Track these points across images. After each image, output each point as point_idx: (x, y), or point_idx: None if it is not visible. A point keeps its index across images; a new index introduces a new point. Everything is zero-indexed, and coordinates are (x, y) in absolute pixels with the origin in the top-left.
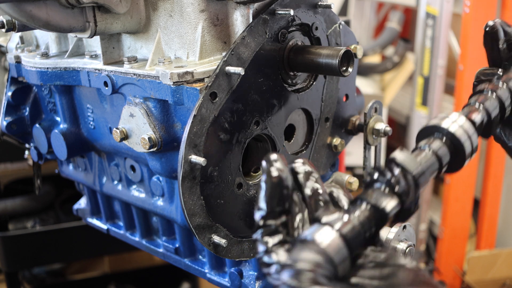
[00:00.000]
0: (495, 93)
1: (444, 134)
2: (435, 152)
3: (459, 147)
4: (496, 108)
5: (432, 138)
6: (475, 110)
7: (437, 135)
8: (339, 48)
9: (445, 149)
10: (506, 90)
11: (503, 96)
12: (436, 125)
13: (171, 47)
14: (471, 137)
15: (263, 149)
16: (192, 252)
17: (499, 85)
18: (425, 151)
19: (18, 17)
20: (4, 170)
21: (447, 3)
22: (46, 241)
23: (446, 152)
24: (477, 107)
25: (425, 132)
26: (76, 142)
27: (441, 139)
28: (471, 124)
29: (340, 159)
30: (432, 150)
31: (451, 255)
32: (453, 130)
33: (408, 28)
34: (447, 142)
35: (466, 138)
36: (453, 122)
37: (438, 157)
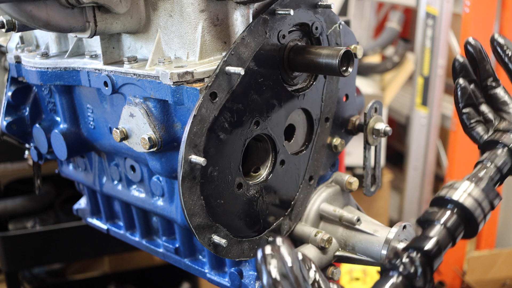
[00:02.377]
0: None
1: (454, 205)
2: (447, 227)
3: (470, 216)
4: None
5: (443, 210)
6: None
7: (449, 206)
8: (339, 48)
9: (457, 220)
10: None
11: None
12: (444, 198)
13: (171, 47)
14: (481, 204)
15: (263, 149)
16: (192, 252)
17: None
18: (437, 226)
19: (18, 17)
20: (4, 170)
21: (447, 3)
22: (46, 241)
23: (458, 223)
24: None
25: (436, 203)
26: (76, 142)
27: (452, 210)
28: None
29: (340, 159)
30: (444, 225)
31: (451, 255)
32: (462, 201)
33: (408, 28)
34: (458, 212)
35: (476, 207)
36: (463, 192)
37: (450, 231)
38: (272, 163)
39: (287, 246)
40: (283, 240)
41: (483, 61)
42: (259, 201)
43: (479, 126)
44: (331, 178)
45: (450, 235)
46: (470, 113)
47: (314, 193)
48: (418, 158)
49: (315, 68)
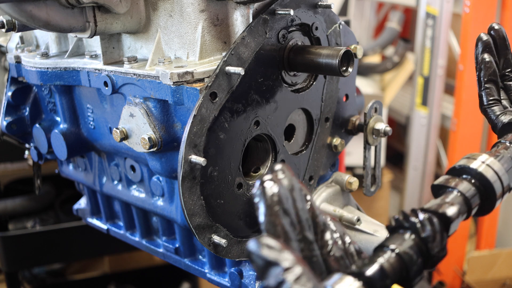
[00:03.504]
0: None
1: (472, 176)
2: (464, 195)
3: (489, 188)
4: None
5: (460, 180)
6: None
7: (466, 176)
8: (339, 48)
9: (474, 191)
10: None
11: None
12: (464, 166)
13: (171, 47)
14: (502, 177)
15: (263, 149)
16: (192, 252)
17: None
18: (453, 193)
19: (18, 17)
20: (4, 170)
21: (447, 3)
22: (46, 241)
23: (474, 193)
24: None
25: (453, 173)
26: (76, 142)
27: (469, 180)
28: (501, 164)
29: (340, 159)
30: (461, 193)
31: (451, 255)
32: (482, 170)
33: (408, 28)
34: (476, 183)
35: (496, 179)
36: (482, 163)
37: (466, 199)
38: (272, 163)
39: (289, 174)
40: (285, 167)
41: (505, 49)
42: None
43: (497, 105)
44: (331, 178)
45: (466, 204)
46: (491, 90)
47: (314, 193)
48: (418, 158)
49: (315, 68)
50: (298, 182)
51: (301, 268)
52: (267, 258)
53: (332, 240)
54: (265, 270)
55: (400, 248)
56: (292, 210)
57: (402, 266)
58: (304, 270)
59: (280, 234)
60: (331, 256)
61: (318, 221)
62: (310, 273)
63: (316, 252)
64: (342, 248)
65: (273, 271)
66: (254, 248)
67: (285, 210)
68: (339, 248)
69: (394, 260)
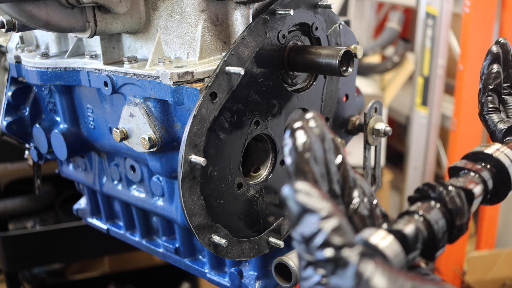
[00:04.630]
0: None
1: (488, 161)
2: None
3: (504, 174)
4: None
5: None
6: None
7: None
8: (339, 48)
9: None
10: None
11: None
12: (480, 152)
13: (171, 47)
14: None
15: (263, 149)
16: (192, 252)
17: None
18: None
19: (18, 17)
20: (4, 170)
21: (447, 3)
22: (46, 241)
23: (490, 178)
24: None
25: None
26: (76, 142)
27: (485, 166)
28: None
29: None
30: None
31: (451, 255)
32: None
33: (408, 28)
34: (492, 169)
35: (510, 164)
36: (497, 149)
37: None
38: (272, 163)
39: (321, 123)
40: (316, 115)
41: (507, 64)
42: (259, 201)
43: (496, 113)
44: None
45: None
46: (494, 99)
47: None
48: (418, 158)
49: (315, 68)
50: (330, 133)
51: (339, 218)
52: (304, 205)
53: (360, 198)
54: (300, 217)
55: (429, 216)
56: (322, 160)
57: (430, 232)
58: (342, 220)
59: (310, 182)
60: (357, 214)
61: (348, 177)
62: (348, 225)
63: (341, 207)
64: (368, 208)
65: (309, 219)
66: (290, 193)
67: (315, 158)
68: (366, 208)
69: (423, 225)
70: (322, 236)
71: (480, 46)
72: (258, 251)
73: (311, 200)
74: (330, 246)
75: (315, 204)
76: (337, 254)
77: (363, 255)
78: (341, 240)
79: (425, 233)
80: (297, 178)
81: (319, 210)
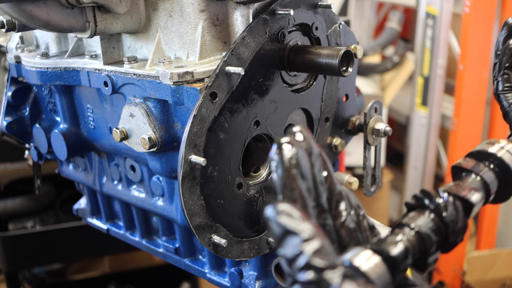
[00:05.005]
0: None
1: (491, 161)
2: (484, 179)
3: (508, 173)
4: None
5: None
6: None
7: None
8: (339, 48)
9: (493, 175)
10: None
11: None
12: (482, 151)
13: (171, 47)
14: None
15: (263, 149)
16: (192, 252)
17: None
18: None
19: (18, 17)
20: (4, 170)
21: (447, 3)
22: (46, 241)
23: (493, 178)
24: None
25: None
26: (76, 142)
27: (488, 165)
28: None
29: (340, 159)
30: (481, 177)
31: (451, 255)
32: (501, 155)
33: (408, 28)
34: (495, 169)
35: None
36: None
37: (486, 185)
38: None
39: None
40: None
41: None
42: (259, 201)
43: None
44: None
45: (486, 190)
46: (510, 77)
47: None
48: (418, 158)
49: (315, 68)
50: (316, 146)
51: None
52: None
53: (347, 211)
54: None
55: (421, 228)
56: (310, 175)
57: (421, 246)
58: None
59: (297, 199)
60: (344, 227)
61: (334, 190)
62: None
63: (329, 221)
64: (355, 220)
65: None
66: (272, 214)
67: (302, 174)
68: (353, 220)
69: (414, 239)
70: (303, 259)
71: (480, 46)
72: (258, 251)
73: (293, 222)
74: (311, 269)
75: (296, 226)
76: (319, 276)
77: (345, 276)
78: (323, 262)
79: (416, 248)
80: (283, 194)
81: (301, 232)
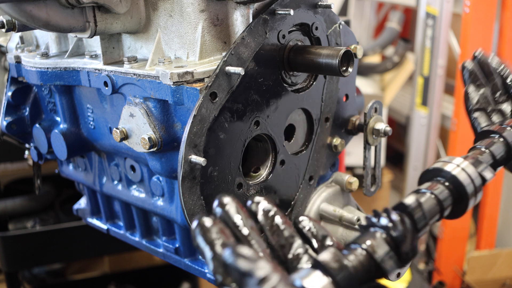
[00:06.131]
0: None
1: (446, 178)
2: (437, 196)
3: (462, 191)
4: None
5: (434, 182)
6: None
7: (439, 179)
8: (339, 48)
9: (447, 193)
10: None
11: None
12: (438, 169)
13: (171, 47)
14: (474, 181)
15: (263, 149)
16: (192, 252)
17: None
18: (426, 195)
19: (18, 17)
20: (4, 170)
21: (447, 3)
22: (46, 241)
23: (448, 196)
24: (483, 150)
25: (428, 176)
26: (76, 142)
27: (443, 183)
28: (474, 168)
29: (340, 159)
30: (434, 194)
31: (451, 255)
32: (456, 174)
33: (408, 28)
34: (450, 186)
35: (469, 182)
36: (456, 166)
37: (439, 201)
38: (272, 163)
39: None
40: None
41: (490, 75)
42: None
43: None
44: (331, 178)
45: (439, 205)
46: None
47: (314, 193)
48: (418, 158)
49: (315, 68)
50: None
51: (278, 276)
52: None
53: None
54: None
55: (370, 248)
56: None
57: (371, 264)
58: (280, 277)
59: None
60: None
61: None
62: (287, 279)
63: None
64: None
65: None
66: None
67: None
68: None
69: (364, 258)
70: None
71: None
72: None
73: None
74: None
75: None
76: None
77: None
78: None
79: (367, 265)
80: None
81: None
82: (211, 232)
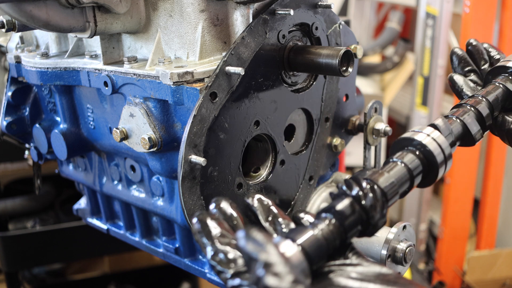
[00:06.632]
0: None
1: (416, 148)
2: (407, 166)
3: (432, 160)
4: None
5: (405, 151)
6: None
7: (410, 148)
8: (339, 48)
9: (418, 162)
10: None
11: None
12: (409, 138)
13: (171, 47)
14: (445, 150)
15: (263, 149)
16: (192, 252)
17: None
18: (397, 164)
19: (18, 17)
20: (4, 170)
21: (447, 3)
22: (46, 241)
23: (418, 164)
24: (454, 120)
25: (399, 145)
26: (76, 142)
27: (413, 152)
28: (445, 138)
29: (340, 159)
30: (404, 164)
31: (451, 255)
32: (426, 143)
33: (408, 28)
34: (420, 155)
35: (439, 152)
36: (426, 136)
37: (409, 170)
38: (272, 163)
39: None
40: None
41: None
42: None
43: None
44: (331, 178)
45: (409, 174)
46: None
47: (314, 193)
48: None
49: (315, 68)
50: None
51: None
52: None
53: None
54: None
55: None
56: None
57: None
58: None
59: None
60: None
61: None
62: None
63: None
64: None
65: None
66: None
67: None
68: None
69: (334, 227)
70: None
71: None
72: None
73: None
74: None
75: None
76: None
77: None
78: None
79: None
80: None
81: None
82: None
